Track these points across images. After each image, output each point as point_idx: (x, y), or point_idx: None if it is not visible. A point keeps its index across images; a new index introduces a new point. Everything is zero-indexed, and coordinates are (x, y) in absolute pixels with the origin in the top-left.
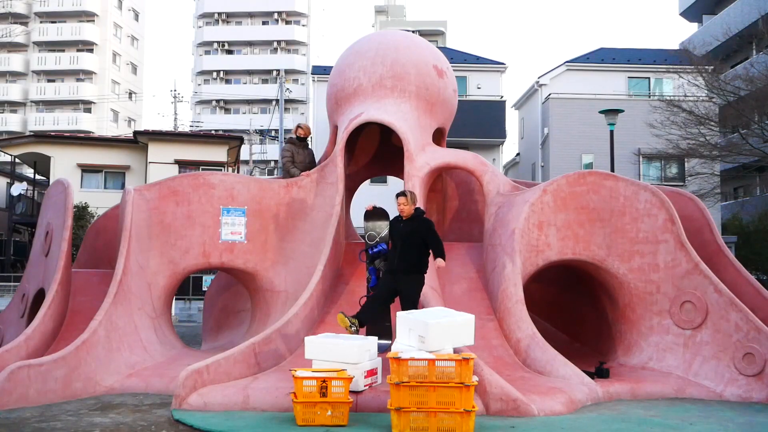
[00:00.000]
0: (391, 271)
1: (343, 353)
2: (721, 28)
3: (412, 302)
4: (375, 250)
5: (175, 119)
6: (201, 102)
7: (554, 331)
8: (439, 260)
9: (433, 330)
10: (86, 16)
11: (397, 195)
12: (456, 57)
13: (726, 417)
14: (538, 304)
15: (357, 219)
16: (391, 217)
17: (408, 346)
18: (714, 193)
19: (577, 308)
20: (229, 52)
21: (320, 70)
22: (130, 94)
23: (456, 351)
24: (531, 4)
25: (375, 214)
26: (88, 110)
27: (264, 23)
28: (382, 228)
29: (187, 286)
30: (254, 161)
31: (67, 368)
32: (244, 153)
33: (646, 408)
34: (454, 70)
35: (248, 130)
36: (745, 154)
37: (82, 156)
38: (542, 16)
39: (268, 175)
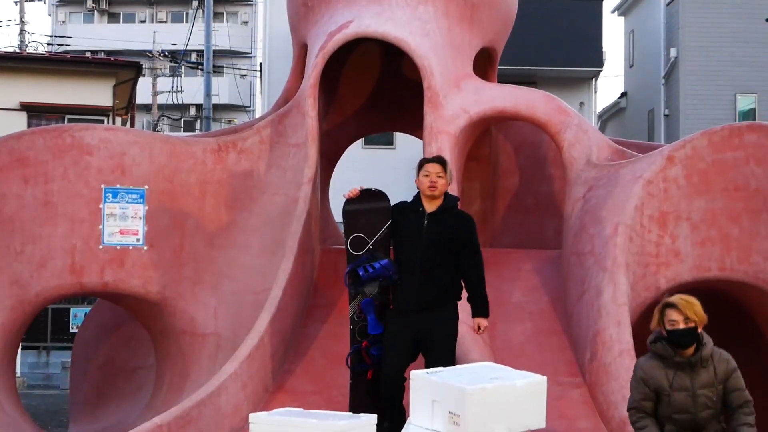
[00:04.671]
0: (405, 310)
1: None
2: None
3: (447, 355)
4: (375, 269)
5: (22, 33)
6: (66, 2)
7: None
8: (482, 320)
9: (475, 402)
10: None
11: (426, 161)
12: None
13: None
14: None
15: (340, 206)
16: (393, 206)
17: (430, 431)
18: None
19: None
20: None
21: None
22: None
23: None
24: None
25: (364, 202)
26: None
27: None
28: (377, 226)
29: (44, 326)
30: (161, 106)
31: None
32: (144, 92)
33: None
34: None
35: (150, 52)
36: None
37: None
38: None
39: (185, 130)
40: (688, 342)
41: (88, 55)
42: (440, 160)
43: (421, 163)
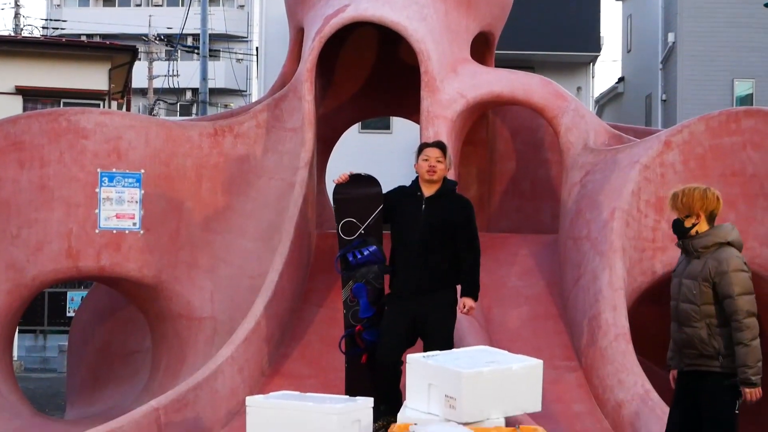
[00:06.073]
0: (402, 294)
1: (312, 427)
2: None
3: (444, 340)
4: (363, 255)
5: (17, 16)
6: None
7: None
8: (468, 300)
9: (471, 385)
10: None
11: (425, 146)
12: None
13: None
14: (653, 341)
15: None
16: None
17: (426, 414)
18: None
19: None
20: None
21: None
22: None
23: (510, 423)
24: None
25: (355, 187)
26: None
27: None
28: (369, 211)
29: (41, 310)
30: (158, 90)
31: None
32: (139, 76)
33: None
34: None
35: (146, 36)
36: None
37: None
38: None
39: (181, 114)
40: (675, 232)
41: (83, 38)
42: (440, 145)
43: (421, 148)
